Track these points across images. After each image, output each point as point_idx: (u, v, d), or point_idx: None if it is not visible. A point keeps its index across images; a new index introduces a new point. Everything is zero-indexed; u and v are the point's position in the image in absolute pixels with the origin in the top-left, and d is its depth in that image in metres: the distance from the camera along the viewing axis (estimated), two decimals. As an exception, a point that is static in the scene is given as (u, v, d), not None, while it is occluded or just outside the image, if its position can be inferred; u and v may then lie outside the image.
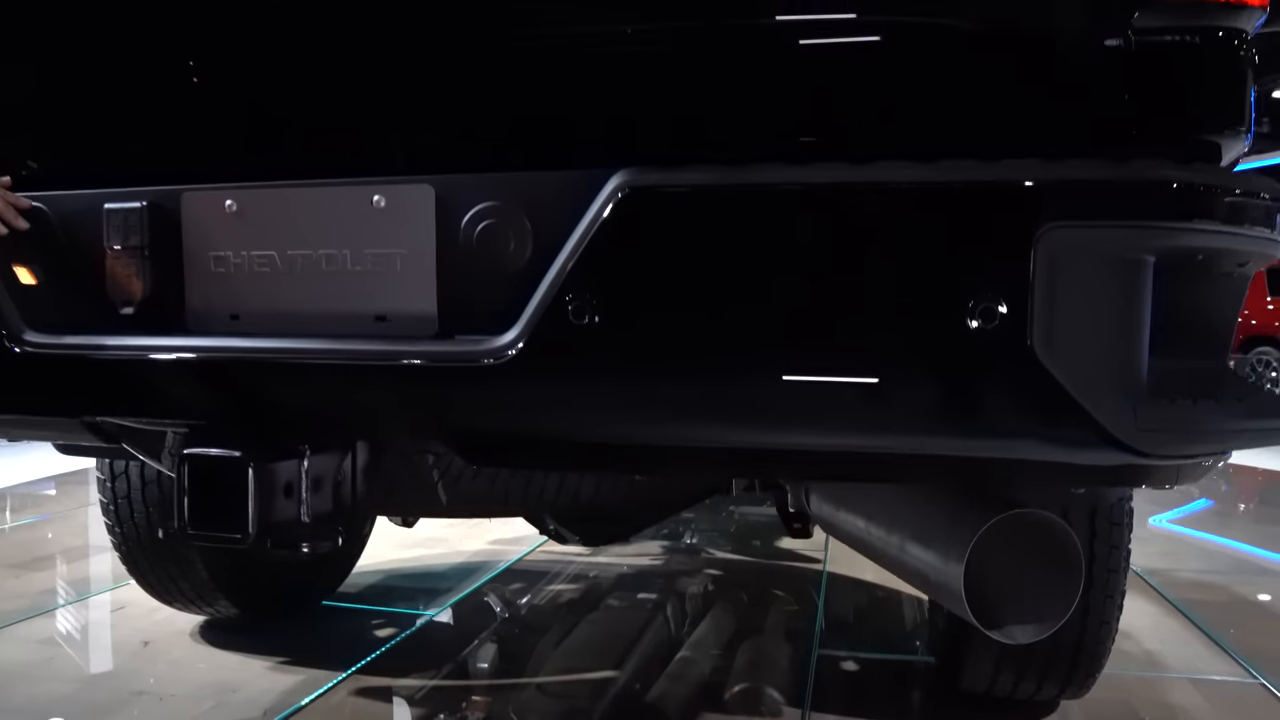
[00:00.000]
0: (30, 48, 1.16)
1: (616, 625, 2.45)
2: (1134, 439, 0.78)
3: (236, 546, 0.99)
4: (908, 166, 0.80)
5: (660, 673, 2.08)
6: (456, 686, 2.04)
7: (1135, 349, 0.79)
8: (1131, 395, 0.78)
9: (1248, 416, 0.85)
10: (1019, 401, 0.78)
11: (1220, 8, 0.88)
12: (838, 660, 2.18)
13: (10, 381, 1.08)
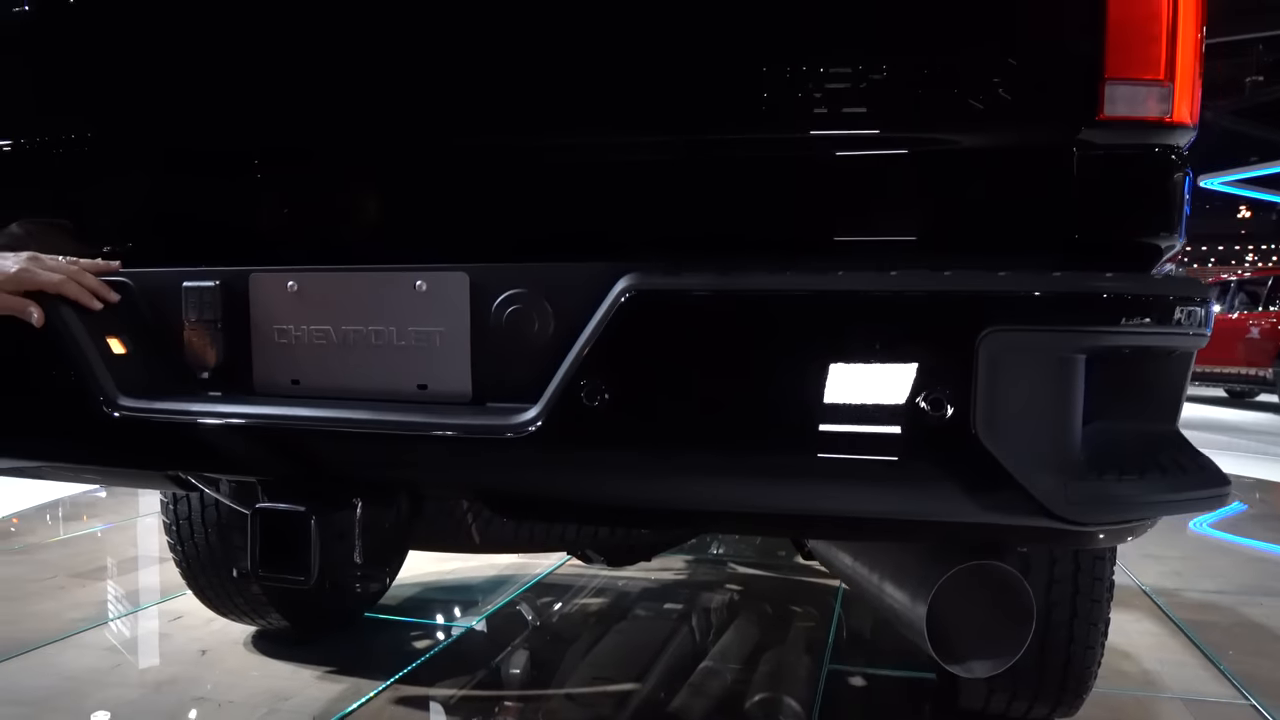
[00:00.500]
0: (125, 159, 1.33)
1: (642, 636, 2.59)
2: (1064, 510, 0.91)
3: (300, 587, 1.15)
4: (866, 277, 0.93)
5: (677, 683, 2.22)
6: (490, 695, 2.19)
7: (1066, 433, 0.92)
8: (1062, 474, 0.91)
9: (1170, 489, 0.98)
10: (966, 478, 0.91)
11: (1154, 127, 1.00)
12: (847, 675, 2.30)
13: (105, 441, 1.25)
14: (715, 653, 2.45)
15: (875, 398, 0.92)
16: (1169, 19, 1.00)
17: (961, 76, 1.02)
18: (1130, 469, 0.95)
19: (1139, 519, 1.01)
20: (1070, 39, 0.99)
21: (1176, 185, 1.03)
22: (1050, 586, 1.69)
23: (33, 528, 3.88)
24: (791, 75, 1.04)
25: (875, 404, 0.92)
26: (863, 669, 2.34)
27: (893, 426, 0.92)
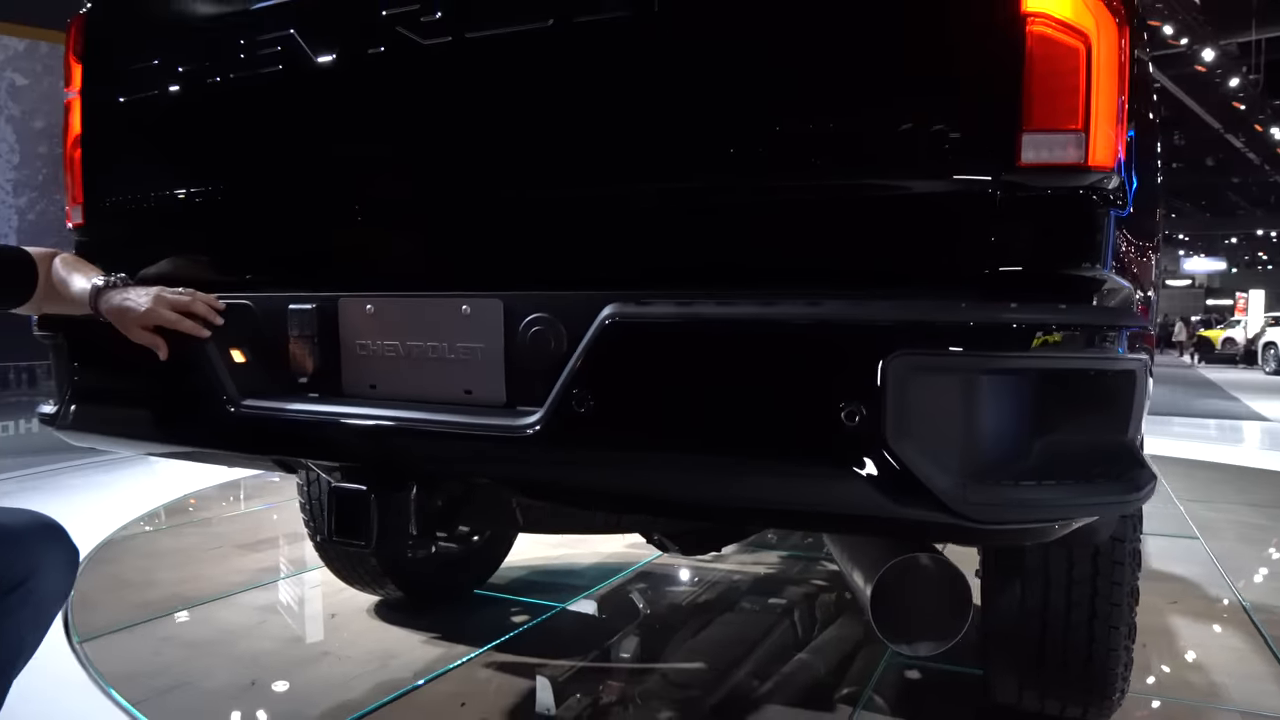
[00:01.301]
0: (249, 211, 1.67)
1: (720, 627, 2.78)
2: (964, 509, 1.05)
3: (363, 551, 1.42)
4: (795, 306, 1.10)
5: (733, 670, 2.40)
6: (572, 666, 2.44)
7: (967, 441, 1.05)
8: (962, 477, 1.05)
9: (1072, 496, 1.09)
10: (879, 479, 1.07)
11: (1071, 172, 1.12)
12: (904, 668, 2.42)
13: (228, 433, 1.57)
14: (773, 642, 2.61)
15: (804, 409, 1.09)
16: (1084, 74, 1.11)
17: (898, 131, 1.17)
18: (1036, 475, 1.08)
19: (1041, 521, 1.13)
20: (993, 95, 1.12)
21: (1095, 222, 1.14)
22: (1070, 588, 1.77)
23: (207, 505, 4.46)
24: (752, 133, 1.22)
25: (804, 414, 1.09)
26: (920, 662, 2.44)
27: (819, 433, 1.08)
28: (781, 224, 1.23)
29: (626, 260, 1.31)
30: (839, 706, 2.18)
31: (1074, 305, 1.11)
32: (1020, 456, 1.08)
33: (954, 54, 1.14)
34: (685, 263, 1.27)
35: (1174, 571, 3.40)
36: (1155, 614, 2.89)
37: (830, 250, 1.20)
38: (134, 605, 2.90)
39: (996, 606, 1.86)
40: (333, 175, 1.59)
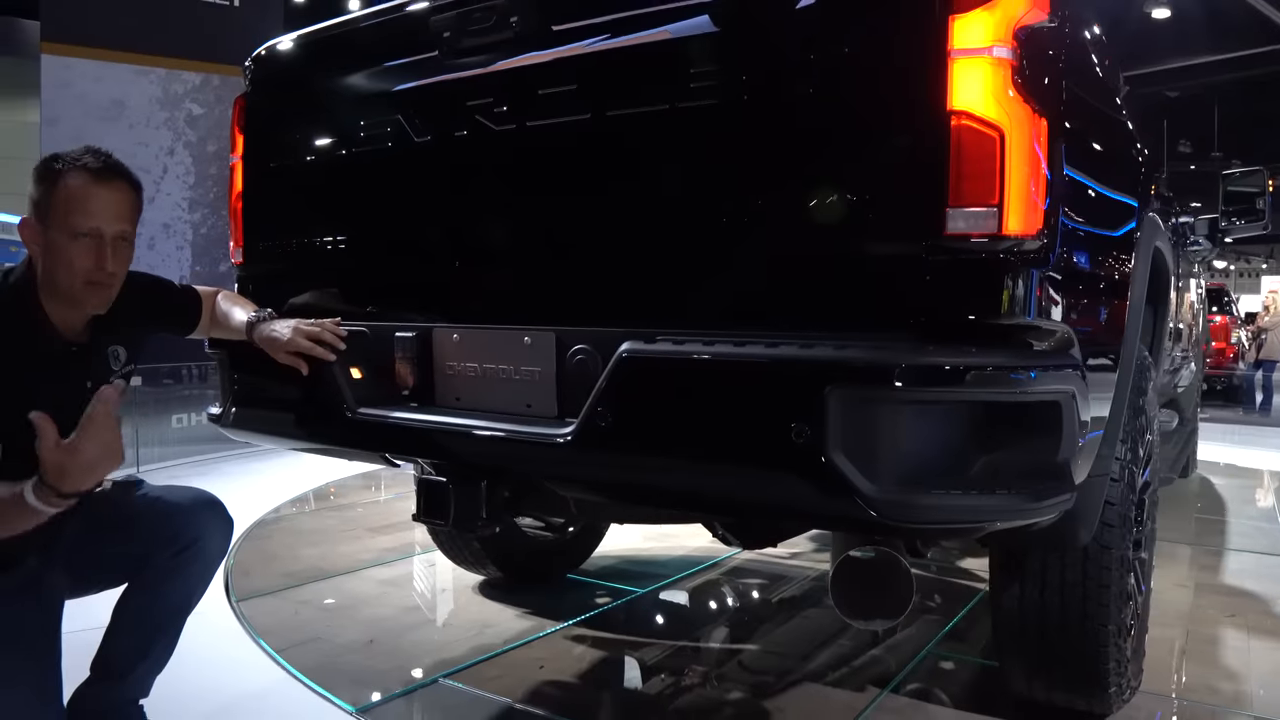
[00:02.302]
0: (367, 258, 2.09)
1: (787, 616, 3.05)
2: (884, 511, 1.30)
3: (443, 529, 1.80)
4: (758, 347, 1.39)
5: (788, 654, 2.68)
6: (643, 643, 2.78)
7: (886, 457, 1.31)
8: (882, 485, 1.31)
9: (971, 504, 1.33)
10: (821, 485, 1.35)
11: (990, 239, 1.37)
12: (939, 660, 2.64)
13: (348, 434, 1.99)
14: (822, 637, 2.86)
15: (765, 426, 1.38)
16: (999, 160, 1.36)
17: (853, 207, 1.44)
18: (946, 486, 1.33)
19: (951, 523, 1.38)
20: (925, 177, 1.38)
21: (1015, 279, 1.38)
22: (1063, 590, 1.98)
23: (346, 493, 5.03)
24: (745, 211, 1.53)
25: (764, 430, 1.38)
26: (956, 656, 2.66)
27: (775, 446, 1.37)
28: (763, 280, 1.53)
29: (649, 304, 1.64)
30: (868, 688, 2.43)
31: (984, 349, 1.36)
32: (931, 470, 1.35)
33: (895, 143, 1.41)
34: (696, 308, 1.59)
35: (1245, 586, 3.44)
36: (1208, 624, 2.99)
37: (799, 300, 1.49)
38: (281, 574, 3.42)
39: (1002, 605, 2.09)
40: (428, 231, 1.99)
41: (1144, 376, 2.15)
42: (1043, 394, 1.40)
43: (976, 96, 1.36)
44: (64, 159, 1.73)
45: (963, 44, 1.37)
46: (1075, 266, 1.55)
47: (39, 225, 1.72)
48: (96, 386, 1.72)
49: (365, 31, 2.10)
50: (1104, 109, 1.78)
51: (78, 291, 1.73)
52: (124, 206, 1.76)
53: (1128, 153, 1.93)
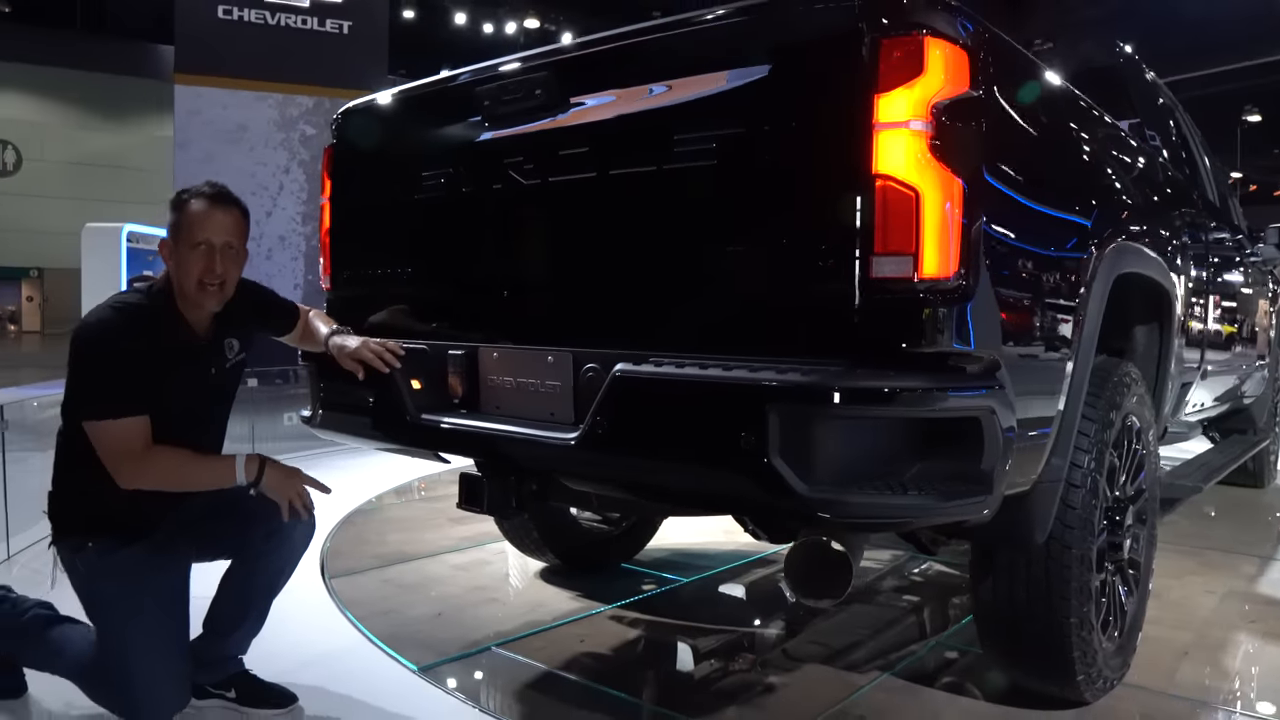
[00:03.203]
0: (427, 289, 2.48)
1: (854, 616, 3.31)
2: (816, 507, 1.58)
3: (480, 514, 2.17)
4: (717, 370, 1.69)
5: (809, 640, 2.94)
6: (676, 625, 3.09)
7: (819, 461, 1.59)
8: (812, 484, 1.59)
9: (888, 503, 1.59)
10: (763, 483, 1.63)
11: (910, 282, 1.63)
12: (944, 649, 2.86)
13: (410, 435, 2.37)
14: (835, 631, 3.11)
15: (722, 433, 1.68)
16: (915, 215, 1.62)
17: (799, 255, 1.73)
18: (874, 487, 1.61)
19: (875, 519, 1.65)
20: (855, 229, 1.64)
21: (933, 313, 1.64)
22: (1029, 585, 2.21)
23: (434, 487, 5.50)
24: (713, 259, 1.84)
25: (721, 436, 1.68)
26: (963, 647, 2.87)
27: (729, 450, 1.66)
28: (732, 312, 1.84)
29: (645, 331, 1.96)
30: (869, 672, 2.68)
31: (902, 373, 1.63)
32: (856, 473, 1.63)
33: (833, 200, 1.69)
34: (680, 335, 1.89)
35: (1277, 595, 3.51)
36: (1223, 628, 3.11)
37: (759, 330, 1.79)
38: (369, 556, 3.88)
39: (979, 597, 2.33)
40: (473, 265, 2.36)
41: (1119, 392, 2.34)
42: (961, 411, 1.66)
43: (897, 162, 1.63)
44: (189, 191, 2.24)
45: (886, 118, 1.64)
46: (1004, 299, 1.79)
47: (172, 243, 2.21)
48: (218, 374, 2.31)
49: (424, 97, 2.50)
50: (1044, 158, 2.00)
51: (195, 292, 2.20)
52: (230, 223, 2.23)
53: (1080, 192, 2.14)
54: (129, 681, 2.14)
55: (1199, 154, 4.28)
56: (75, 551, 2.19)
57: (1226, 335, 3.91)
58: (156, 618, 2.17)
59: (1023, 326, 1.86)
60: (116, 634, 2.16)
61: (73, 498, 2.23)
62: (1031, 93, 1.97)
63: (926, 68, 1.64)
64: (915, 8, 1.68)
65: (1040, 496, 2.06)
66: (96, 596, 2.20)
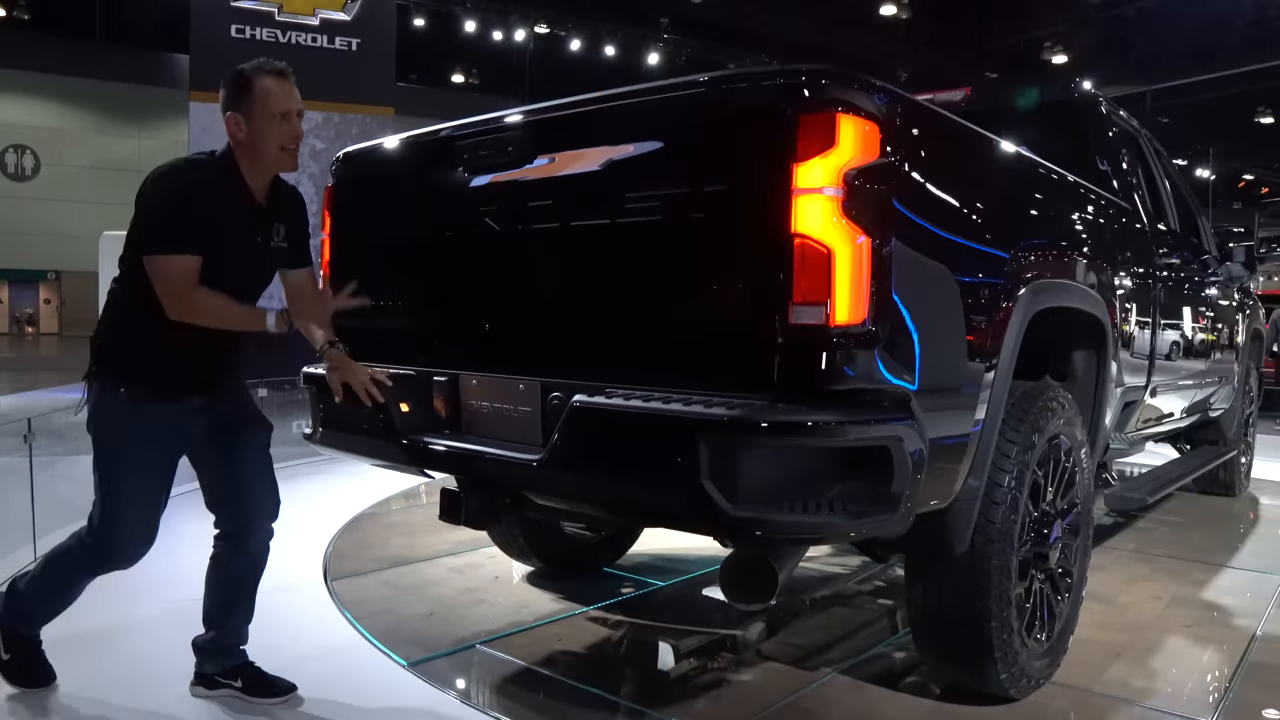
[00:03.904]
0: (418, 324, 2.74)
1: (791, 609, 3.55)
2: (740, 523, 1.82)
3: (459, 525, 2.43)
4: (656, 402, 1.93)
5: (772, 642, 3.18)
6: (648, 625, 3.33)
7: (744, 483, 1.82)
8: (735, 503, 1.83)
9: (802, 520, 1.83)
10: (695, 503, 1.87)
11: (824, 328, 1.87)
12: (894, 649, 3.10)
13: (397, 453, 2.62)
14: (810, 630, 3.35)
15: (659, 457, 1.92)
16: (828, 269, 1.85)
17: (732, 305, 1.98)
18: (790, 506, 1.85)
19: (792, 534, 1.89)
20: (776, 281, 1.88)
21: (845, 355, 1.87)
22: (954, 591, 2.44)
23: (434, 493, 5.74)
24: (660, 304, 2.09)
25: (659, 459, 1.92)
26: (901, 648, 3.10)
27: (666, 471, 1.91)
28: (677, 351, 2.09)
29: (602, 364, 2.22)
30: (822, 669, 2.92)
31: (813, 408, 1.86)
32: (774, 494, 1.87)
33: (759, 255, 1.93)
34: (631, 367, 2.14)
35: (1220, 601, 3.73)
36: (1160, 632, 3.33)
37: (701, 367, 2.04)
38: (370, 559, 4.14)
39: (911, 603, 2.56)
40: (456, 299, 2.62)
41: (1043, 416, 2.57)
42: (871, 440, 1.90)
43: (813, 223, 1.88)
44: (250, 68, 2.44)
45: (803, 184, 1.88)
46: (915, 340, 2.03)
47: (243, 117, 2.42)
48: (263, 245, 2.54)
49: (411, 147, 2.76)
50: (957, 208, 2.23)
51: (276, 156, 2.45)
52: (296, 93, 2.47)
53: (996, 235, 2.36)
54: (111, 518, 2.45)
55: (1161, 181, 4.50)
56: (107, 390, 2.44)
57: (1179, 354, 4.12)
58: (150, 469, 2.47)
59: (934, 363, 2.09)
60: (112, 474, 2.45)
61: (121, 339, 2.49)
62: (944, 150, 2.20)
63: (838, 141, 1.88)
64: (831, 87, 1.92)
65: (958, 513, 2.30)
66: (107, 435, 2.46)
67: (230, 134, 2.47)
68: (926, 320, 2.07)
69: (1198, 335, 4.48)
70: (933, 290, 2.10)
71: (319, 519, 4.83)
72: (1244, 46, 19.79)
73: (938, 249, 2.12)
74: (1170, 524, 5.15)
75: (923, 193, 2.09)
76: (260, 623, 2.75)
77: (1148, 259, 3.66)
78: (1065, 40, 21.72)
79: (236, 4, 8.98)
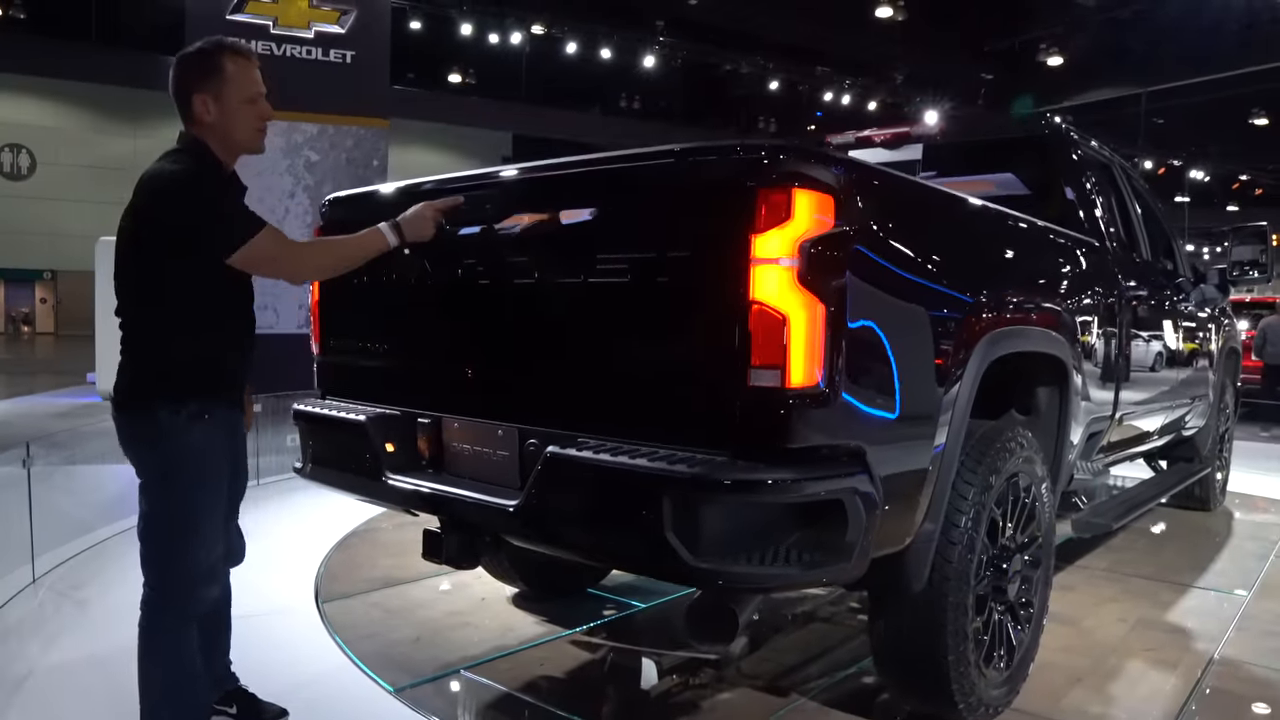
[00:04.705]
0: (402, 371, 2.85)
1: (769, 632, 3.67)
2: (702, 574, 1.94)
3: (440, 564, 2.55)
4: (622, 456, 2.05)
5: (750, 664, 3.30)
6: (627, 648, 3.44)
7: (705, 535, 1.94)
8: (695, 554, 1.95)
9: (760, 572, 1.95)
10: (659, 553, 1.99)
11: (781, 390, 1.98)
12: (862, 675, 3.21)
13: (382, 491, 2.74)
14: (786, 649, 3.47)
15: (625, 509, 2.04)
16: (784, 335, 1.96)
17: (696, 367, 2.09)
18: (749, 558, 1.96)
19: (752, 585, 2.00)
20: (735, 345, 2.00)
21: (801, 415, 1.98)
22: (914, 626, 2.56)
23: (425, 506, 5.88)
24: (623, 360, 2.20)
25: (625, 511, 2.04)
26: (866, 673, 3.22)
27: (632, 523, 2.03)
28: (644, 406, 2.20)
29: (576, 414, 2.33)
30: (792, 694, 3.04)
31: (772, 465, 1.98)
32: (734, 547, 1.99)
33: (719, 321, 2.04)
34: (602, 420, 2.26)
35: (1183, 624, 3.85)
36: (1121, 656, 3.46)
37: (667, 423, 2.15)
38: (360, 580, 4.26)
39: (874, 635, 2.68)
40: (440, 346, 2.74)
41: (1000, 457, 2.69)
42: (826, 495, 2.02)
43: (770, 291, 1.99)
44: (213, 48, 2.40)
45: (761, 254, 2.00)
46: (869, 398, 2.14)
47: (212, 100, 2.38)
48: None
49: (393, 195, 2.87)
50: (913, 268, 2.33)
51: (251, 138, 2.46)
52: (260, 72, 2.47)
53: (953, 290, 2.46)
54: (194, 552, 2.30)
55: (1133, 207, 4.61)
56: (174, 414, 2.28)
57: (1147, 381, 4.24)
58: (221, 485, 2.40)
59: (888, 419, 2.21)
60: (193, 504, 2.31)
61: (175, 357, 2.32)
62: (898, 213, 2.31)
63: (794, 214, 2.00)
64: (788, 162, 2.04)
65: (915, 554, 2.42)
66: (184, 462, 2.30)
67: (197, 117, 2.40)
68: (879, 379, 2.18)
69: (1168, 360, 4.60)
70: (886, 350, 2.21)
71: (312, 536, 4.95)
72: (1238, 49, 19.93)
73: (892, 309, 2.23)
74: (1144, 540, 5.28)
75: (877, 256, 2.20)
76: (255, 647, 2.87)
77: (1113, 290, 3.77)
78: (1061, 43, 21.87)
79: (231, 17, 9.05)
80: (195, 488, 2.33)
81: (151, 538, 2.34)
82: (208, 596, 2.42)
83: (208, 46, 2.41)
